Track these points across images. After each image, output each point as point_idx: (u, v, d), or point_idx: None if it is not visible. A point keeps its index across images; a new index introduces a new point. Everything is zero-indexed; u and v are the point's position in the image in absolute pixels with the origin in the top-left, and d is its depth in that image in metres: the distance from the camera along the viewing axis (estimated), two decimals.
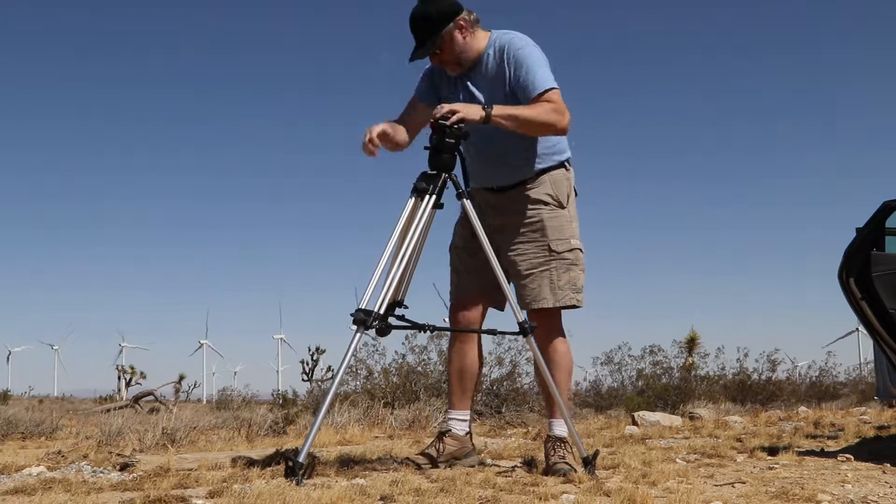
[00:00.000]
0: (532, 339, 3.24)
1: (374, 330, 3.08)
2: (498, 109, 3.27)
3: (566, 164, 3.57)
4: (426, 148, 3.26)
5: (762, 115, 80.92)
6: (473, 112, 3.22)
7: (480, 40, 3.42)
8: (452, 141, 3.22)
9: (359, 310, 3.03)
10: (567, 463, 3.31)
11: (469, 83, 3.47)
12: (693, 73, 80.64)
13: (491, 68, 3.41)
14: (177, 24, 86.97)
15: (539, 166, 3.49)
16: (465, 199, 3.26)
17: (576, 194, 3.60)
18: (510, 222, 3.48)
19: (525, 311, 3.46)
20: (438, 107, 3.23)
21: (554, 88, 3.33)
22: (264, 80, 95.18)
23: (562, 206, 3.50)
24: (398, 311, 3.27)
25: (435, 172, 3.25)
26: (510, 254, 3.43)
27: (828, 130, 78.62)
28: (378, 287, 3.12)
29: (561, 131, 3.40)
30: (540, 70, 3.35)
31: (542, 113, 3.31)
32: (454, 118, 3.18)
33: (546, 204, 3.48)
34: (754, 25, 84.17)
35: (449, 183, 3.27)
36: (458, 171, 3.32)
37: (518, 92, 3.35)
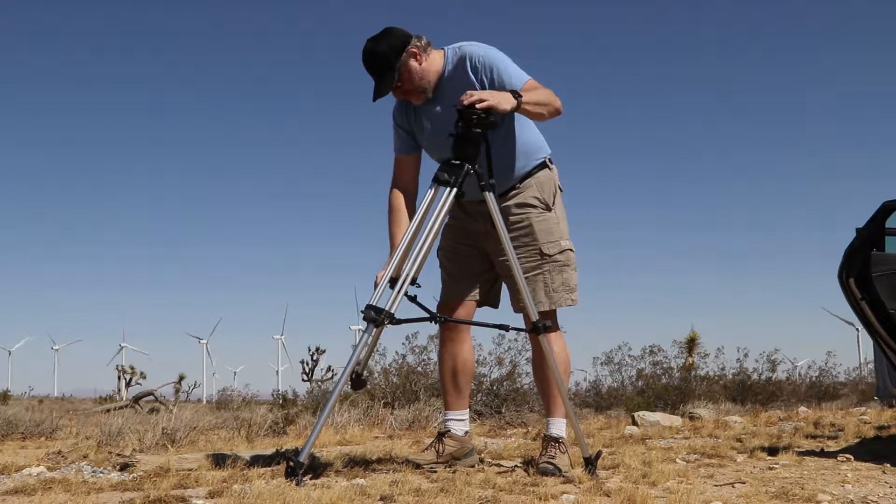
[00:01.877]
0: (544, 339, 3.22)
1: (388, 320, 2.98)
2: (527, 96, 3.21)
3: (548, 161, 3.55)
4: (450, 135, 3.15)
5: (763, 115, 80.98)
6: (505, 101, 3.12)
7: (437, 61, 3.36)
8: (479, 130, 3.10)
9: (369, 307, 2.98)
10: (552, 463, 3.30)
11: (437, 108, 3.40)
12: (695, 73, 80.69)
13: (457, 83, 3.33)
14: (178, 24, 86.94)
15: (524, 170, 3.47)
16: (488, 192, 3.17)
17: (561, 191, 3.59)
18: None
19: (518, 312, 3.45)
20: (467, 93, 3.12)
21: (531, 78, 3.33)
22: (266, 79, 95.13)
23: (549, 209, 3.49)
24: (411, 291, 3.13)
25: (458, 163, 3.14)
26: (501, 258, 3.40)
27: (828, 130, 78.68)
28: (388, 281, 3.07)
29: (560, 111, 3.38)
30: (511, 66, 3.34)
31: (551, 95, 3.32)
32: (482, 106, 3.07)
33: (533, 207, 3.47)
34: (755, 25, 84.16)
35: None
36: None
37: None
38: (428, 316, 3.21)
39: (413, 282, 3.11)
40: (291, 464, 2.78)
